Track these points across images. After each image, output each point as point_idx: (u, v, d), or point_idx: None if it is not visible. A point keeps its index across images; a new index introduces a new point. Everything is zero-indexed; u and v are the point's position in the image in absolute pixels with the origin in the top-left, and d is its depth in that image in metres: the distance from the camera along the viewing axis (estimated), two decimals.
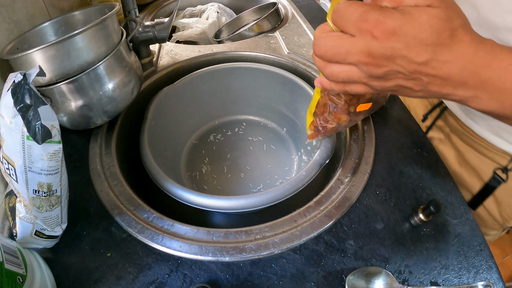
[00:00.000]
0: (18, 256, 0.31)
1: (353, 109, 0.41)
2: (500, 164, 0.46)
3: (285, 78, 0.59)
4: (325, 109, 0.42)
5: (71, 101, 0.43)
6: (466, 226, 0.40)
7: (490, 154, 0.47)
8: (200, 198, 0.40)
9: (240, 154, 0.63)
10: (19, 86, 0.29)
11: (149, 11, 0.85)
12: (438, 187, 0.43)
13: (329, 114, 0.42)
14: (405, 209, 0.41)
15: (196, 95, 0.62)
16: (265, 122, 0.69)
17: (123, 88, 0.47)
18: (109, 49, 0.44)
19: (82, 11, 0.53)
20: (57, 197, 0.34)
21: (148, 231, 0.38)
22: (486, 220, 0.51)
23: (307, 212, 0.40)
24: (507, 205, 0.48)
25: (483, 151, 0.48)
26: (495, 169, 0.47)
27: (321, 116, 0.42)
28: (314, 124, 0.43)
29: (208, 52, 0.66)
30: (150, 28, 0.58)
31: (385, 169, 0.45)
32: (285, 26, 0.74)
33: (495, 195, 0.49)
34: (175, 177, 0.56)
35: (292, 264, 0.36)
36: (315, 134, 0.44)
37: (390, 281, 0.34)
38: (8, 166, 0.31)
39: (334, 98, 0.40)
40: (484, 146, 0.48)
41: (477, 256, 0.37)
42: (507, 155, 0.45)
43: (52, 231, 0.36)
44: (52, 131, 0.31)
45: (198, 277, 0.35)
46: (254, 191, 0.58)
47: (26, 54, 0.38)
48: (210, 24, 0.81)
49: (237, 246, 0.37)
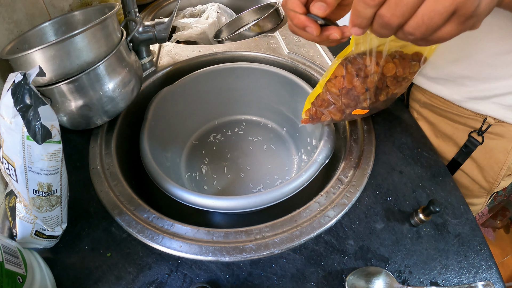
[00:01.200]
0: (18, 256, 0.31)
1: (349, 111, 0.43)
2: (474, 127, 0.47)
3: (285, 78, 0.59)
4: (322, 104, 0.44)
5: (71, 101, 0.43)
6: (466, 226, 0.40)
7: (462, 120, 0.48)
8: (200, 198, 0.40)
9: (240, 154, 0.63)
10: (19, 86, 0.29)
11: (149, 11, 0.85)
12: (438, 187, 0.43)
13: (325, 109, 0.44)
14: (405, 209, 0.41)
15: (196, 95, 0.62)
16: (265, 122, 0.69)
17: (123, 88, 0.47)
18: (109, 49, 0.44)
19: (82, 11, 0.53)
20: (57, 197, 0.34)
21: (148, 231, 0.38)
22: (472, 189, 0.51)
23: (307, 212, 0.40)
24: (490, 168, 0.47)
25: (455, 119, 0.49)
26: (470, 133, 0.47)
27: (318, 108, 0.45)
28: (310, 111, 0.46)
29: (208, 52, 0.66)
30: (150, 28, 0.58)
31: (385, 169, 0.45)
32: (285, 26, 0.74)
33: (475, 160, 0.48)
34: (175, 177, 0.56)
35: (292, 264, 0.36)
36: (308, 120, 0.47)
37: (390, 281, 0.34)
38: (8, 166, 0.31)
39: (331, 99, 0.42)
40: (455, 113, 0.48)
41: (477, 256, 0.37)
42: (479, 117, 0.46)
43: (52, 231, 0.36)
44: (52, 131, 0.31)
45: (198, 277, 0.35)
46: (254, 191, 0.58)
47: (26, 54, 0.38)
48: (210, 24, 0.81)
49: (237, 246, 0.37)
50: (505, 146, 0.45)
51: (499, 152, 0.46)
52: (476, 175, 0.49)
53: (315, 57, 0.64)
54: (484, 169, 0.48)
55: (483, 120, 0.45)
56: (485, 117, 0.45)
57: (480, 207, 0.54)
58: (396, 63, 0.40)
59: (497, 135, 0.45)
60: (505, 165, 0.46)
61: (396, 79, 0.42)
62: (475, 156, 0.48)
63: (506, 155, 0.45)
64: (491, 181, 0.48)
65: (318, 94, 0.43)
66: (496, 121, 0.44)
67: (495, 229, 1.22)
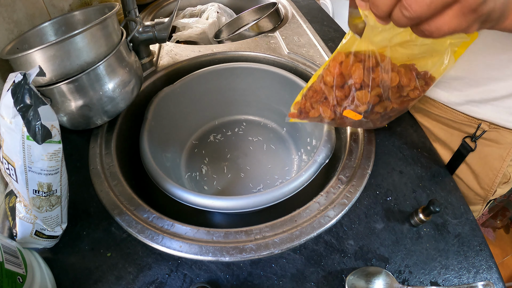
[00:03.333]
0: (18, 256, 0.31)
1: (339, 109, 0.40)
2: (469, 133, 0.47)
3: (285, 78, 0.59)
4: (314, 95, 0.41)
5: (71, 101, 0.43)
6: (466, 226, 0.40)
7: (457, 125, 0.48)
8: (200, 198, 0.40)
9: (240, 154, 0.63)
10: (19, 86, 0.29)
11: (149, 11, 0.85)
12: (438, 187, 0.43)
13: (316, 102, 0.41)
14: (405, 209, 0.41)
15: (196, 95, 0.62)
16: (265, 122, 0.69)
17: (123, 88, 0.47)
18: (109, 49, 0.44)
19: (82, 11, 0.53)
20: (57, 197, 0.34)
21: (148, 231, 0.38)
22: (467, 195, 0.51)
23: (307, 212, 0.40)
24: (485, 174, 0.47)
25: (449, 124, 0.49)
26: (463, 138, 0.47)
27: (308, 100, 0.42)
28: (299, 104, 0.43)
29: (208, 52, 0.66)
30: (150, 28, 0.58)
31: (385, 169, 0.45)
32: (285, 26, 0.74)
33: (470, 166, 0.48)
34: (175, 177, 0.56)
35: (292, 264, 0.36)
36: (296, 115, 0.44)
37: (390, 281, 0.34)
38: (8, 166, 0.31)
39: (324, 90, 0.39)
40: (449, 118, 0.48)
41: (477, 256, 0.37)
42: (474, 123, 0.45)
43: (52, 231, 0.36)
44: (52, 131, 0.31)
45: (198, 277, 0.35)
46: (254, 191, 0.58)
47: (26, 54, 0.38)
48: (210, 24, 0.81)
49: (237, 246, 0.37)
50: (500, 153, 0.44)
51: (494, 159, 0.45)
52: (471, 181, 0.49)
53: (315, 57, 0.64)
54: (479, 176, 0.48)
55: (477, 126, 0.45)
56: (479, 122, 0.44)
57: (476, 214, 0.53)
58: (401, 73, 0.37)
59: (492, 141, 0.45)
60: (501, 172, 0.45)
61: (400, 91, 0.39)
62: (470, 163, 0.48)
63: (501, 162, 0.45)
64: (487, 188, 0.48)
65: (312, 84, 0.40)
66: (491, 127, 0.44)
67: (495, 229, 1.22)
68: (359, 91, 0.38)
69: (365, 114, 0.40)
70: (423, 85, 0.38)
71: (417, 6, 0.22)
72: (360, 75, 0.37)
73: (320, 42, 0.68)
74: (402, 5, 0.23)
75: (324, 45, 0.67)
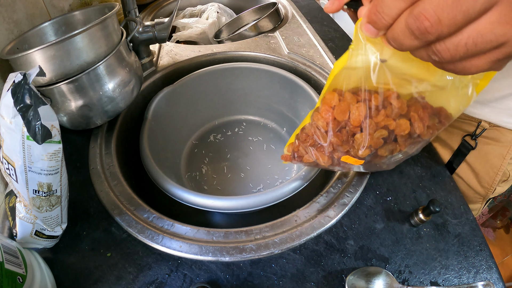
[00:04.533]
0: (18, 256, 0.31)
1: (337, 155, 0.34)
2: (468, 131, 0.47)
3: (285, 78, 0.59)
4: (307, 139, 0.35)
5: (71, 101, 0.43)
6: (466, 226, 0.40)
7: (457, 124, 0.48)
8: (200, 198, 0.40)
9: (240, 154, 0.63)
10: (19, 86, 0.29)
11: (149, 11, 0.85)
12: (438, 187, 0.43)
13: (310, 147, 0.35)
14: (405, 209, 0.41)
15: (196, 95, 0.62)
16: (265, 122, 0.69)
17: (123, 88, 0.47)
18: (109, 49, 0.44)
19: (82, 11, 0.53)
20: (57, 197, 0.34)
21: (148, 231, 0.38)
22: (467, 194, 0.51)
23: (307, 212, 0.40)
24: (485, 173, 0.47)
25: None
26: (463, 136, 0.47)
27: (302, 143, 0.36)
28: (292, 147, 0.38)
29: (208, 52, 0.66)
30: (150, 28, 0.58)
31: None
32: (285, 26, 0.74)
33: (470, 165, 0.48)
34: (175, 177, 0.56)
35: (292, 264, 0.36)
36: (289, 158, 0.39)
37: (390, 281, 0.34)
38: (8, 166, 0.31)
39: (320, 135, 0.33)
40: None
41: (477, 256, 0.37)
42: (473, 121, 0.45)
43: (52, 231, 0.36)
44: (52, 131, 0.31)
45: (198, 277, 0.35)
46: (254, 191, 0.58)
47: (26, 54, 0.38)
48: (210, 24, 0.81)
49: (237, 246, 0.37)
50: (500, 151, 0.45)
51: (494, 157, 0.45)
52: (471, 180, 0.49)
53: (315, 57, 0.64)
54: (479, 174, 0.48)
55: (477, 124, 0.45)
56: (479, 121, 0.44)
57: (475, 213, 0.54)
58: (414, 119, 0.30)
59: (492, 139, 0.45)
60: (501, 170, 0.45)
61: (411, 136, 0.32)
62: (470, 161, 0.48)
63: (501, 160, 0.45)
64: (486, 186, 0.48)
65: (305, 126, 0.35)
66: (491, 125, 0.44)
67: (495, 229, 1.22)
68: (359, 134, 0.32)
69: (367, 158, 0.34)
70: (436, 124, 0.32)
71: (447, 55, 0.19)
72: (359, 119, 0.30)
73: (320, 42, 0.68)
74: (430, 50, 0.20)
75: (324, 45, 0.67)
